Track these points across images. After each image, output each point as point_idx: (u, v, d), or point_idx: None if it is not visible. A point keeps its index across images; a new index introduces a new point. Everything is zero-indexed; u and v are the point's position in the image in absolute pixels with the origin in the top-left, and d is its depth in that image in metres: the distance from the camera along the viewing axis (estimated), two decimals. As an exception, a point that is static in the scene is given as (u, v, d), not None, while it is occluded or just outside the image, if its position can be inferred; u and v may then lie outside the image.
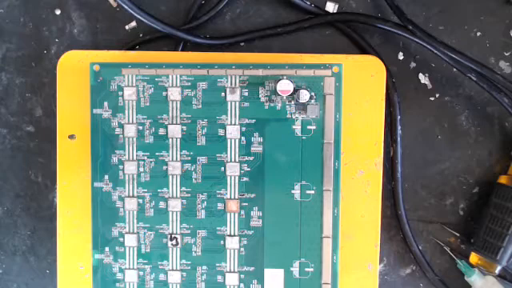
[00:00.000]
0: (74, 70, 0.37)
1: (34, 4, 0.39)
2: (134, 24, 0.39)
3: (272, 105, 0.36)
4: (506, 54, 0.38)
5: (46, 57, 0.39)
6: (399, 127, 0.37)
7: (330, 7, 0.38)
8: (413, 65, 0.38)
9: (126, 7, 0.37)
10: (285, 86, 0.35)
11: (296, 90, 0.35)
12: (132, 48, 0.38)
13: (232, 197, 0.36)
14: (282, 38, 0.38)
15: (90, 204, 0.37)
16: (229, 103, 0.36)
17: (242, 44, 0.38)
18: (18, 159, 0.39)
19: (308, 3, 0.38)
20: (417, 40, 0.36)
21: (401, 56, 0.38)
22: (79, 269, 0.37)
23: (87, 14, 0.39)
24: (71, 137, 0.37)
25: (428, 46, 0.36)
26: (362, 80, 0.36)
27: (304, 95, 0.35)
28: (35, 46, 0.39)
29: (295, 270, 0.36)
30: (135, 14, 0.37)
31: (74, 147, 0.37)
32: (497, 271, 0.36)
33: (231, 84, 0.36)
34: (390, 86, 0.37)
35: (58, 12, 0.39)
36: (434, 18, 0.38)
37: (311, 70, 0.35)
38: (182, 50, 0.38)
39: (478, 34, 0.38)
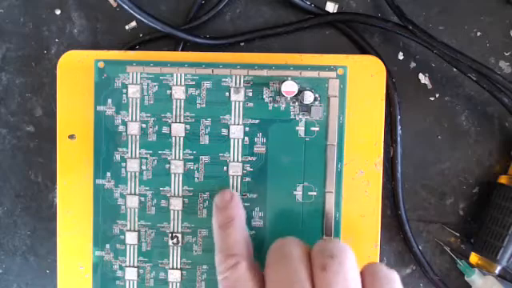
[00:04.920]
0: (74, 69, 0.37)
1: (34, 4, 0.39)
2: (134, 24, 0.39)
3: (276, 105, 0.36)
4: (506, 54, 0.38)
5: (46, 57, 0.39)
6: (399, 127, 0.37)
7: (330, 7, 0.38)
8: (413, 65, 0.38)
9: (126, 7, 0.37)
10: (289, 87, 0.35)
11: (300, 92, 0.35)
12: (132, 48, 0.38)
13: (234, 197, 0.36)
14: (282, 37, 0.38)
15: (91, 204, 0.37)
16: (233, 103, 0.36)
17: (242, 44, 0.38)
18: (18, 159, 0.39)
19: (308, 3, 0.38)
20: (417, 40, 0.36)
21: (401, 56, 0.38)
22: (79, 269, 0.37)
23: (87, 13, 0.39)
24: (71, 137, 0.37)
25: (428, 46, 0.36)
26: (362, 80, 0.36)
27: (308, 96, 0.35)
28: (35, 46, 0.39)
29: (296, 269, 0.36)
30: (135, 14, 0.37)
31: (75, 147, 0.37)
32: (497, 271, 0.36)
33: (236, 84, 0.36)
34: (390, 86, 0.37)
35: (57, 12, 0.39)
36: (434, 18, 0.38)
37: (316, 72, 0.35)
38: (182, 50, 0.38)
39: (478, 34, 0.38)
